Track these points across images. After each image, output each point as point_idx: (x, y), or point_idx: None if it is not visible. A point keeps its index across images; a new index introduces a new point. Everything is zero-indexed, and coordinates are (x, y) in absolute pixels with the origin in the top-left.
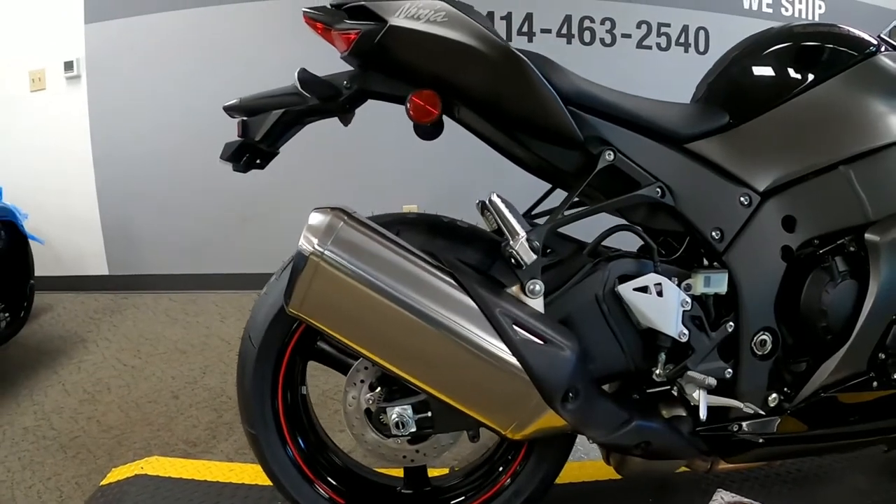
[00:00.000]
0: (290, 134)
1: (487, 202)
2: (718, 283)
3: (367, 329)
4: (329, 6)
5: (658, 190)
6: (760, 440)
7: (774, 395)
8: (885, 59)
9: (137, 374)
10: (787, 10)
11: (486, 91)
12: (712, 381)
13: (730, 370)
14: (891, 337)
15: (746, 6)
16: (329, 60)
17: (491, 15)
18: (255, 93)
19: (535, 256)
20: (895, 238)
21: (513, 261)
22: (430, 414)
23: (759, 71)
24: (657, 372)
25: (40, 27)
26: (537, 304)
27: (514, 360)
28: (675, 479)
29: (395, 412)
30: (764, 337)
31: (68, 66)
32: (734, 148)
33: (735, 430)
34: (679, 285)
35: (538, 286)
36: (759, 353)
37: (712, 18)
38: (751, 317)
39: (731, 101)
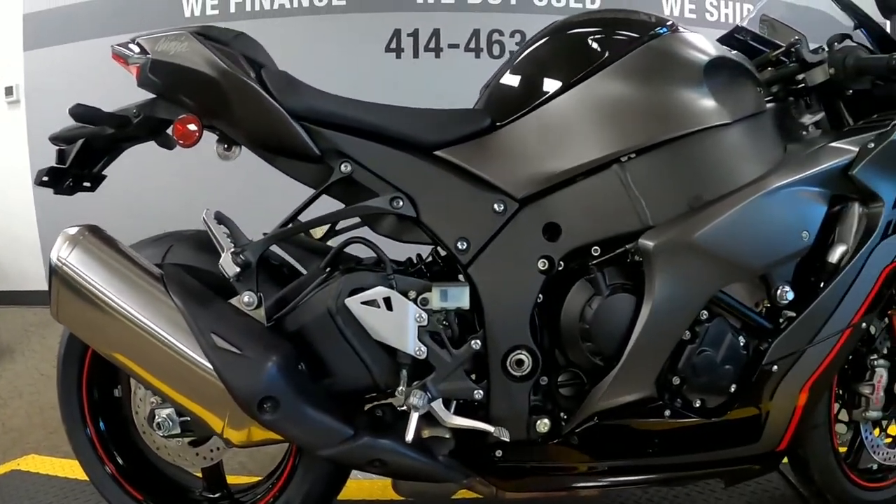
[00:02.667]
0: (107, 159)
1: (203, 218)
2: (457, 298)
3: (102, 335)
4: (131, 41)
5: (399, 200)
6: (530, 469)
7: (546, 420)
8: (667, 42)
9: (49, 383)
10: (711, 14)
11: (225, 115)
12: (416, 402)
13: (480, 391)
14: (683, 359)
15: (667, 12)
16: None
17: (398, 32)
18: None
19: (237, 269)
20: (673, 244)
21: (223, 275)
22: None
23: (526, 68)
24: (400, 389)
25: None
26: (258, 314)
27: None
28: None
29: (161, 414)
30: (520, 356)
31: (9, 91)
32: (491, 152)
33: (498, 455)
34: (417, 299)
35: (250, 298)
36: (516, 373)
37: None
38: (500, 334)
39: (497, 103)
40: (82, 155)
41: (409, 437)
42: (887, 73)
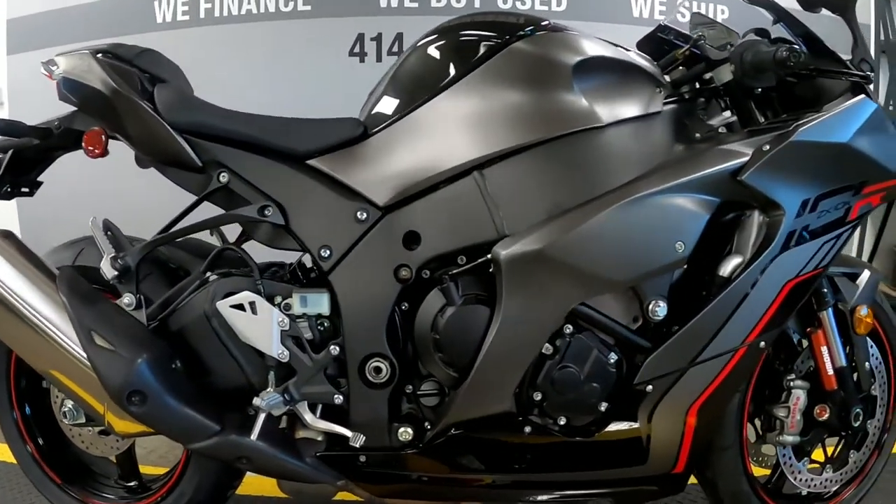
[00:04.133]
0: (39, 167)
1: (89, 224)
2: (316, 304)
3: (5, 328)
4: (54, 57)
5: (269, 208)
6: (392, 475)
7: (408, 428)
8: (532, 43)
9: None
10: (683, 16)
11: (121, 129)
12: (260, 403)
13: (340, 396)
14: (543, 374)
15: (636, 14)
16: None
17: (361, 36)
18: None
19: (115, 273)
20: (523, 254)
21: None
22: None
23: (399, 76)
24: (268, 390)
25: None
26: (139, 315)
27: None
28: None
29: (67, 404)
30: (378, 364)
31: None
32: (359, 161)
33: (362, 460)
34: (281, 304)
35: (130, 299)
36: (374, 380)
37: (598, 28)
38: (357, 341)
39: (369, 111)
40: (15, 163)
41: (254, 436)
42: (774, 65)
